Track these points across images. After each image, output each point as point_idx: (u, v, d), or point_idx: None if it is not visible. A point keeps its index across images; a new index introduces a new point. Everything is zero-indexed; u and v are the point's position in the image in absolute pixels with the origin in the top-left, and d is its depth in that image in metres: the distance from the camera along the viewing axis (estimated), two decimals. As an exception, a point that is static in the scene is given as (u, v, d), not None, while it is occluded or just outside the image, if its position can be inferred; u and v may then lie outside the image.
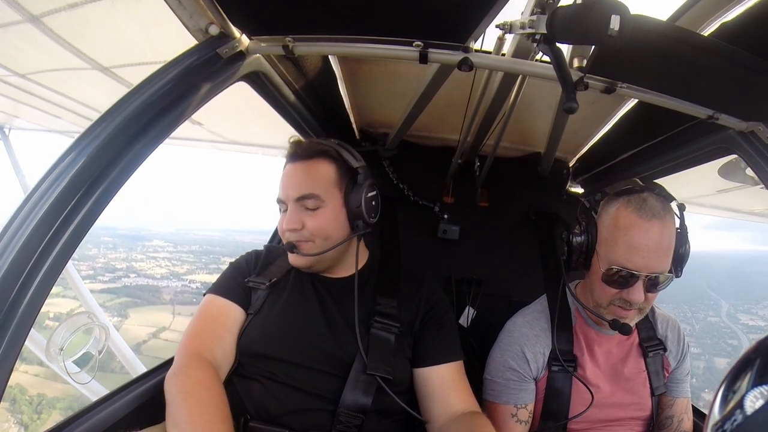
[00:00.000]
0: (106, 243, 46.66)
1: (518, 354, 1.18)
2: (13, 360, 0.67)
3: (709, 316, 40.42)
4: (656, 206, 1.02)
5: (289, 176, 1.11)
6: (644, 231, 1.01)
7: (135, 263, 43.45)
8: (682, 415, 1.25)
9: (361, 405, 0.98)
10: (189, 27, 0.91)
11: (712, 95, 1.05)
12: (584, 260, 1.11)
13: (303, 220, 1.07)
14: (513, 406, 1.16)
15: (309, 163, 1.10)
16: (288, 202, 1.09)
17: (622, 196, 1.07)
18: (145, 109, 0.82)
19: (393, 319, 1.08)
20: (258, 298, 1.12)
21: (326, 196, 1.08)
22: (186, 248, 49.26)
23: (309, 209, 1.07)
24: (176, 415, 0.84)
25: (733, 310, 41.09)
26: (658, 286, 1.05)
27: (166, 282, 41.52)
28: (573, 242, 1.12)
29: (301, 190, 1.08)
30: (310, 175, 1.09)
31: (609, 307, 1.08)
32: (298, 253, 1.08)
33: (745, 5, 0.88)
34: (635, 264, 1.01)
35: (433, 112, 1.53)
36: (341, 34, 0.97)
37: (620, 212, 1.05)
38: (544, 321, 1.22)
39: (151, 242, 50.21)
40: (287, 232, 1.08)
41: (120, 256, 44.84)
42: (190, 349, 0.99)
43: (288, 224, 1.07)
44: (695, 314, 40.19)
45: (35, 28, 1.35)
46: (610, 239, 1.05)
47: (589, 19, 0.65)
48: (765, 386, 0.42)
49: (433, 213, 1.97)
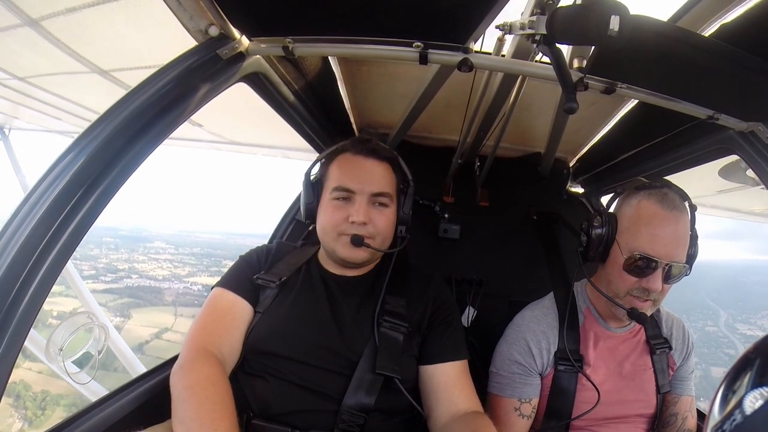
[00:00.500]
0: (108, 243, 47.19)
1: (524, 348, 1.18)
2: (13, 360, 0.67)
3: (707, 326, 40.51)
4: (676, 199, 1.08)
5: (365, 169, 1.12)
6: (666, 221, 1.06)
7: (137, 264, 43.89)
8: (686, 413, 1.25)
9: (364, 404, 0.98)
10: (189, 28, 0.91)
11: (712, 95, 1.05)
12: (603, 251, 1.14)
13: (371, 216, 1.09)
14: (517, 399, 1.17)
15: (384, 164, 1.15)
16: (360, 194, 1.09)
17: (643, 189, 1.12)
18: (144, 110, 0.82)
19: (401, 318, 1.09)
20: (267, 296, 1.11)
21: (393, 197, 1.15)
22: (187, 250, 49.75)
23: (378, 206, 1.11)
24: (182, 411, 0.84)
25: (731, 320, 41.09)
26: (674, 276, 1.08)
27: (168, 284, 41.94)
28: (592, 234, 1.15)
29: (380, 186, 1.11)
30: (386, 175, 1.14)
31: (626, 297, 1.11)
32: (367, 246, 1.09)
33: (745, 6, 0.88)
34: (657, 251, 1.05)
35: (433, 113, 1.53)
36: (341, 35, 0.97)
37: (642, 204, 1.10)
38: (552, 318, 1.22)
39: (152, 244, 50.72)
40: (353, 224, 1.08)
41: (122, 257, 45.34)
42: (197, 344, 0.99)
43: (360, 216, 1.07)
44: (694, 324, 40.15)
45: (34, 32, 1.34)
46: (632, 228, 1.09)
47: (589, 19, 0.65)
48: (765, 387, 0.42)
49: (433, 213, 1.97)
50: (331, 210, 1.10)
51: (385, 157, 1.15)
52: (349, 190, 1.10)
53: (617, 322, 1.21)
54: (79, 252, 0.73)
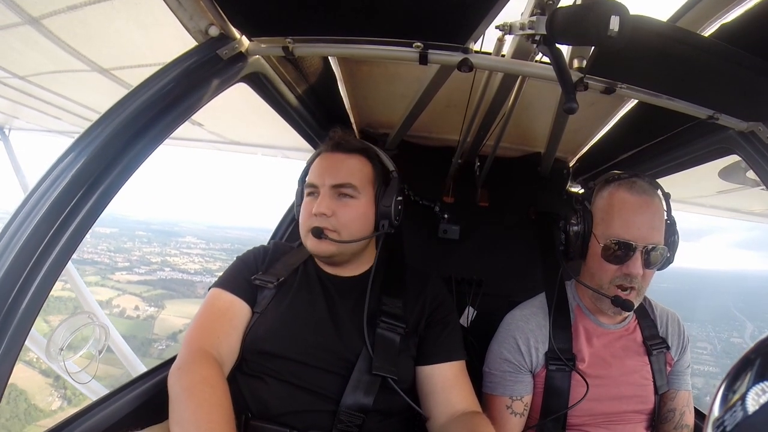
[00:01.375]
0: (140, 237, 48.38)
1: (513, 346, 1.20)
2: (13, 360, 0.67)
3: (732, 337, 40.48)
4: (644, 186, 1.13)
5: (328, 163, 1.13)
6: (637, 205, 1.11)
7: (169, 258, 45.07)
8: (684, 408, 1.25)
9: (362, 405, 0.98)
10: (189, 28, 0.91)
11: (712, 95, 1.05)
12: (581, 246, 1.17)
13: (334, 208, 1.08)
14: (508, 398, 1.18)
15: (350, 156, 1.14)
16: (322, 187, 1.09)
17: (612, 181, 1.17)
18: (145, 110, 0.82)
19: (398, 319, 1.08)
20: (264, 297, 1.11)
21: (361, 189, 1.11)
22: (218, 246, 50.84)
23: (343, 198, 1.09)
24: (179, 412, 0.83)
25: (757, 332, 40.78)
26: (654, 262, 1.10)
27: (200, 277, 42.88)
28: (570, 232, 1.18)
29: (339, 178, 1.09)
30: (350, 166, 1.12)
31: (610, 287, 1.13)
32: (325, 238, 1.07)
33: (745, 6, 0.88)
34: (632, 235, 1.09)
35: (433, 113, 1.53)
36: (341, 35, 0.97)
37: (613, 194, 1.14)
38: (541, 317, 1.23)
39: (183, 238, 51.76)
40: (316, 217, 1.08)
41: (154, 251, 46.50)
42: (195, 344, 0.98)
43: (319, 208, 1.07)
44: (719, 334, 40.34)
45: (35, 30, 1.34)
46: (606, 218, 1.13)
47: (589, 19, 0.65)
48: (765, 384, 0.42)
49: (433, 213, 1.97)
50: (303, 207, 1.13)
51: (354, 149, 1.14)
52: (313, 185, 1.11)
53: (607, 318, 1.22)
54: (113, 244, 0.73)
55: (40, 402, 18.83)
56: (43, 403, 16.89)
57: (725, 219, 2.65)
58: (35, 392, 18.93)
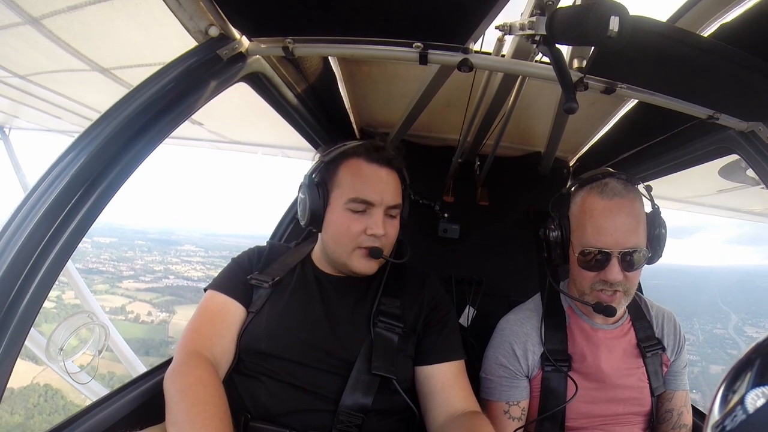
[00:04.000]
0: (140, 246, 50.08)
1: (508, 351, 1.19)
2: (13, 360, 0.67)
3: (715, 329, 41.22)
4: (617, 187, 1.09)
5: (382, 181, 1.09)
6: (608, 210, 1.07)
7: (171, 266, 46.80)
8: (682, 408, 1.25)
9: (361, 405, 0.98)
10: (189, 28, 0.91)
11: (712, 95, 1.05)
12: (562, 253, 1.16)
13: (386, 228, 1.09)
14: (505, 403, 1.18)
15: (395, 174, 1.13)
16: (379, 206, 1.07)
17: (585, 185, 1.15)
18: (145, 110, 0.82)
19: (396, 319, 1.09)
20: (260, 297, 1.11)
21: (401, 207, 1.15)
22: (217, 253, 52.50)
23: (390, 218, 1.11)
24: (174, 413, 0.84)
25: (741, 323, 41.50)
26: (635, 264, 1.07)
27: (204, 284, 42.73)
28: (550, 238, 1.17)
29: (396, 198, 1.11)
30: (398, 185, 1.13)
31: (592, 292, 1.12)
32: (385, 258, 1.10)
33: (745, 6, 0.88)
34: (605, 242, 1.06)
35: (433, 112, 1.53)
36: (341, 35, 0.97)
37: (585, 199, 1.12)
38: (536, 320, 1.23)
39: (182, 247, 53.39)
40: (375, 237, 1.07)
41: (156, 259, 48.25)
42: (189, 347, 0.99)
43: (379, 229, 1.06)
44: (703, 326, 40.98)
45: (35, 30, 1.35)
46: (580, 225, 1.12)
47: (589, 20, 0.65)
48: (765, 386, 0.42)
49: (433, 212, 1.97)
50: (348, 221, 1.07)
51: (397, 167, 1.14)
52: (368, 202, 1.06)
53: (600, 318, 1.22)
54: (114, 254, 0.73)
55: (75, 399, 19.85)
56: (78, 399, 17.73)
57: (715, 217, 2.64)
58: (68, 390, 19.69)
